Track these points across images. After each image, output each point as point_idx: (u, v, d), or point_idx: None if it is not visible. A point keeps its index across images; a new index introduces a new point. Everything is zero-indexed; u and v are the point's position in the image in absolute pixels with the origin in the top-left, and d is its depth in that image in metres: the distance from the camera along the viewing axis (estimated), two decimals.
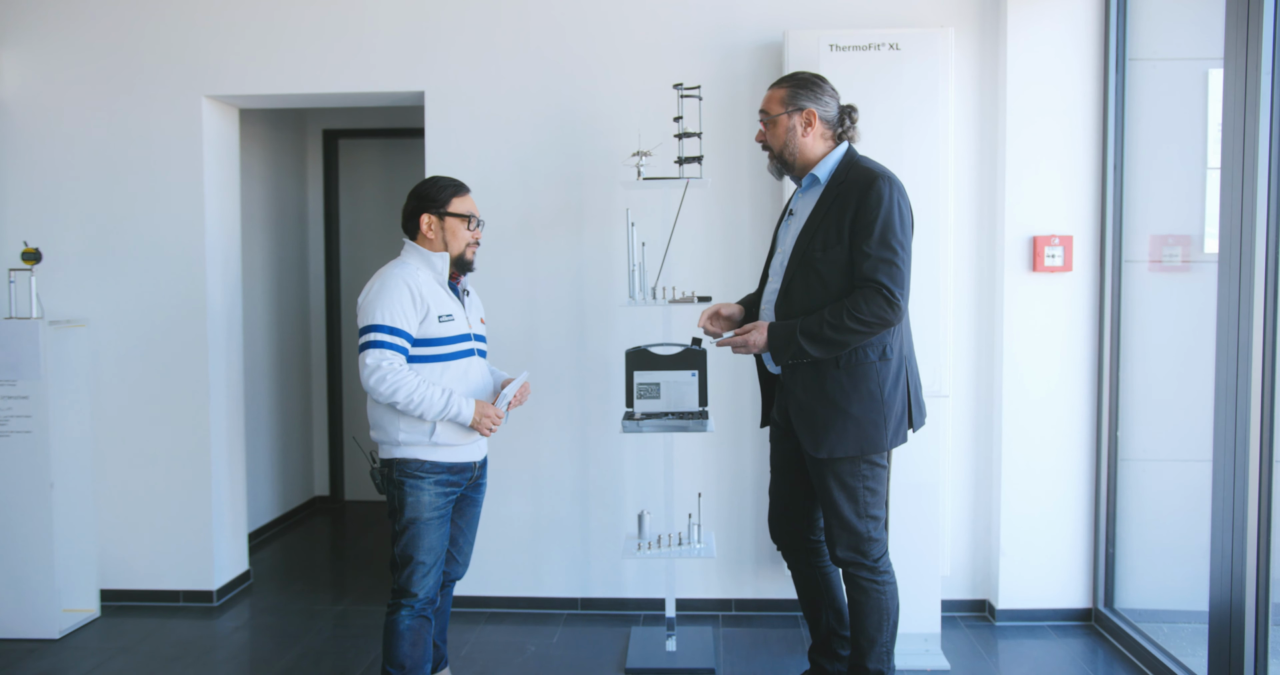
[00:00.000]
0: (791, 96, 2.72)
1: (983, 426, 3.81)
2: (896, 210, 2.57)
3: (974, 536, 3.84)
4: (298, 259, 5.56)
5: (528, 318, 3.87)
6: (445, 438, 2.73)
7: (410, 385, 2.64)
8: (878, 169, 2.64)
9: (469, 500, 2.93)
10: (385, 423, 2.73)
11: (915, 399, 2.73)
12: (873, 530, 2.69)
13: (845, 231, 2.59)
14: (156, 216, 3.95)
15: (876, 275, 2.54)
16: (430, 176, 2.85)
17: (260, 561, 4.67)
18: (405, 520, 2.74)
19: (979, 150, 3.75)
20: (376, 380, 2.63)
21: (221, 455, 4.09)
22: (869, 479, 2.67)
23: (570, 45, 3.82)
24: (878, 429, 2.63)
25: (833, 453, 2.63)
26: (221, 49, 3.91)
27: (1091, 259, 3.68)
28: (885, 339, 2.63)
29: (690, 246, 3.79)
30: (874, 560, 2.70)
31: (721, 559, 3.88)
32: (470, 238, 2.82)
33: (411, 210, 2.81)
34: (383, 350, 2.65)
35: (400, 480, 2.73)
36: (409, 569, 2.74)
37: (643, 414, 3.28)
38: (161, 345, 3.98)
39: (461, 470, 2.81)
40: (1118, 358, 3.64)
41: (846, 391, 2.62)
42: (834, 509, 2.68)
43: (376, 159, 5.73)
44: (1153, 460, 3.59)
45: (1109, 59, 3.61)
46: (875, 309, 2.54)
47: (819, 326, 2.57)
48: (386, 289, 2.69)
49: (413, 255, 2.81)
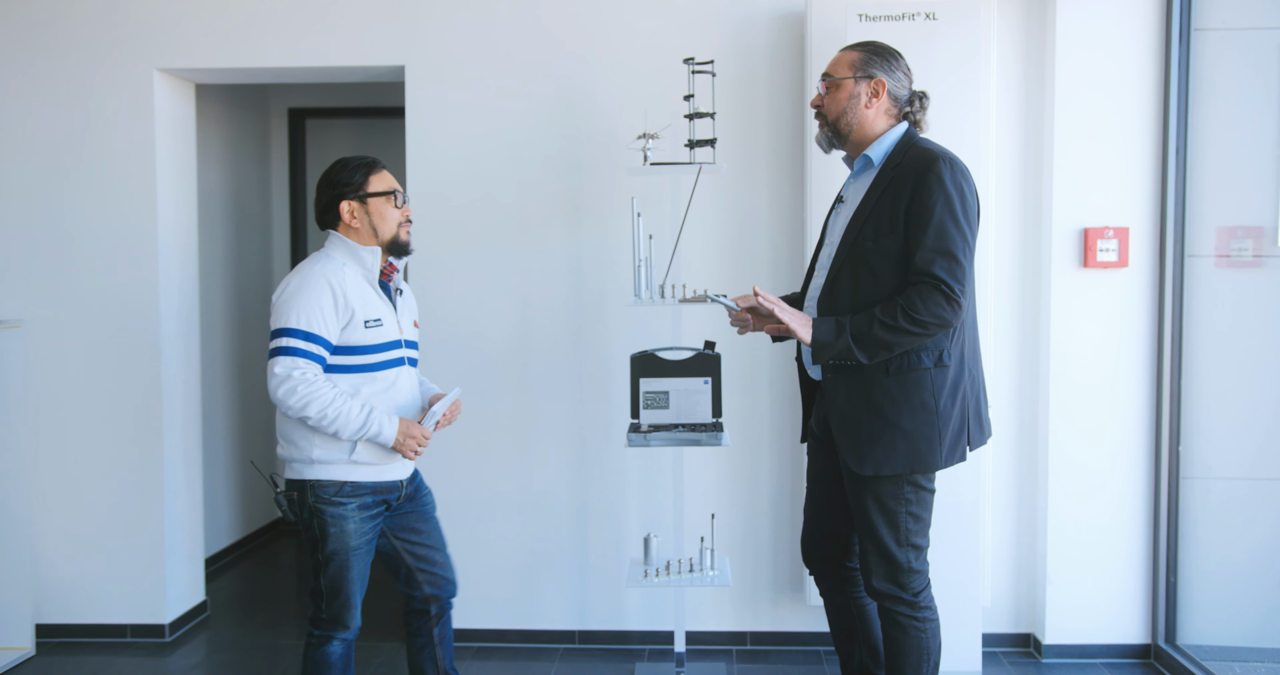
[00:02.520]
0: (865, 61, 2.67)
1: (1027, 440, 3.78)
2: (958, 196, 2.49)
3: (1017, 562, 3.80)
4: (261, 252, 5.54)
5: (521, 319, 3.83)
6: (367, 456, 2.67)
7: (324, 398, 2.56)
8: (938, 150, 2.57)
9: (417, 514, 2.87)
10: (297, 437, 2.66)
11: (976, 413, 2.65)
12: (914, 561, 2.62)
13: (900, 219, 2.52)
14: (102, 204, 3.89)
15: (934, 269, 2.46)
16: (336, 161, 2.80)
17: (218, 590, 4.61)
18: (329, 552, 2.68)
19: (1024, 132, 3.72)
20: (285, 392, 2.56)
21: (176, 472, 4.03)
22: (913, 503, 2.60)
23: (569, 15, 3.79)
24: (930, 445, 2.55)
25: (879, 470, 2.56)
26: (175, 17, 3.85)
27: (1150, 253, 3.63)
28: (942, 343, 2.54)
29: (702, 240, 3.77)
30: (914, 594, 2.63)
31: (737, 587, 3.85)
32: (400, 216, 2.76)
33: (328, 201, 2.74)
34: (295, 358, 2.58)
35: (319, 507, 2.66)
36: (339, 601, 2.71)
37: (650, 426, 3.26)
38: (108, 348, 3.91)
39: (388, 490, 2.75)
40: (1179, 364, 3.59)
41: (896, 401, 2.54)
42: (871, 534, 2.62)
43: (349, 141, 5.71)
44: (1220, 478, 3.54)
45: (1171, 28, 3.55)
46: (934, 308, 2.45)
47: (869, 325, 2.49)
48: (305, 288, 2.62)
49: (338, 248, 2.73)
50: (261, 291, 5.51)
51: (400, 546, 2.82)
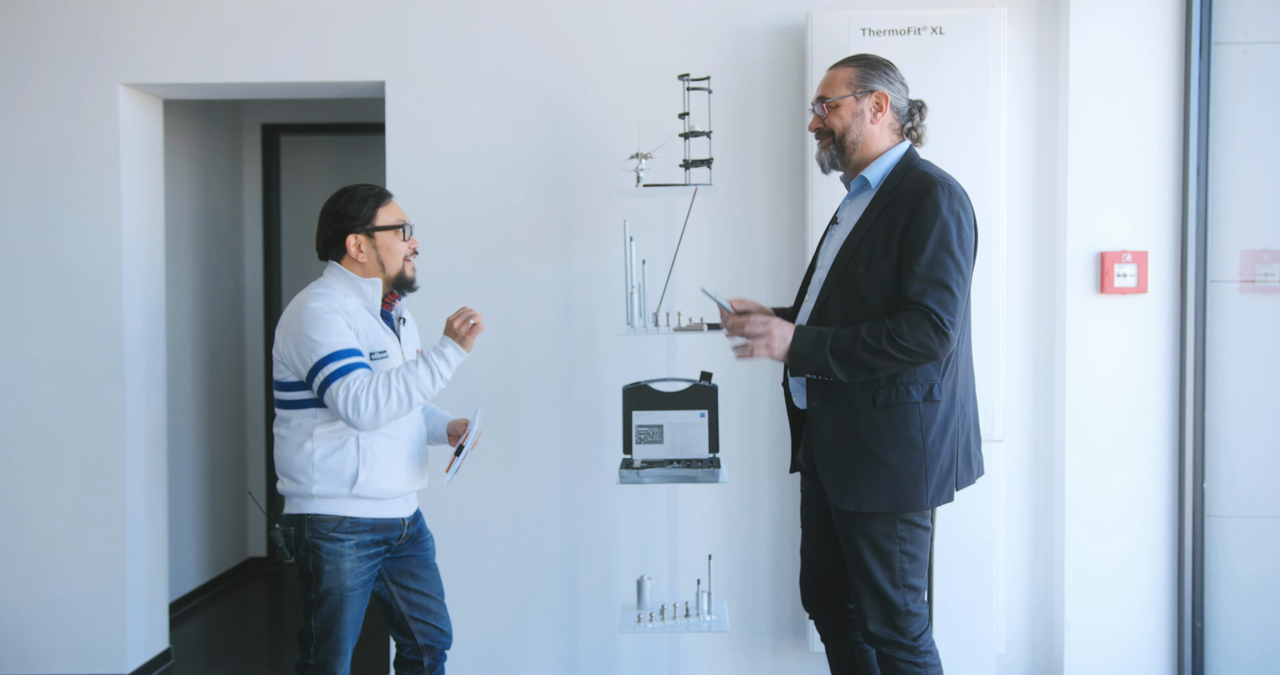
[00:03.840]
0: (862, 77, 2.70)
1: (1042, 475, 3.76)
2: (955, 224, 2.52)
3: (1033, 606, 3.76)
4: (232, 274, 5.52)
5: (506, 348, 3.81)
6: (369, 489, 2.67)
7: (385, 386, 2.58)
8: (937, 174, 2.60)
9: (416, 559, 2.88)
10: (296, 471, 2.67)
11: (966, 452, 2.66)
12: (911, 603, 2.62)
13: (894, 245, 2.56)
14: (64, 224, 3.87)
15: (924, 299, 2.48)
16: (341, 189, 2.80)
17: (183, 637, 4.56)
18: (323, 590, 2.68)
19: (1036, 151, 3.73)
20: (353, 412, 2.56)
21: (139, 510, 3.98)
22: (907, 542, 2.60)
23: (558, 29, 3.79)
24: (916, 483, 2.56)
25: (860, 506, 2.57)
26: (141, 29, 3.84)
27: (1171, 278, 3.62)
28: (933, 377, 2.56)
29: (698, 265, 3.76)
30: (913, 638, 2.62)
31: (735, 633, 3.81)
32: (407, 249, 2.79)
33: (333, 234, 2.75)
34: (343, 377, 2.58)
35: (315, 543, 2.66)
36: (329, 645, 2.70)
37: (643, 462, 3.25)
38: (67, 377, 3.87)
39: (389, 528, 2.76)
40: (1203, 395, 3.57)
41: (882, 436, 2.56)
42: (865, 575, 2.62)
43: (325, 159, 5.73)
44: (1248, 517, 3.55)
45: (1191, 41, 3.56)
46: (921, 336, 2.47)
47: (851, 343, 2.51)
48: (320, 318, 2.63)
49: (338, 280, 2.75)
50: (233, 315, 5.48)
51: (397, 592, 2.83)
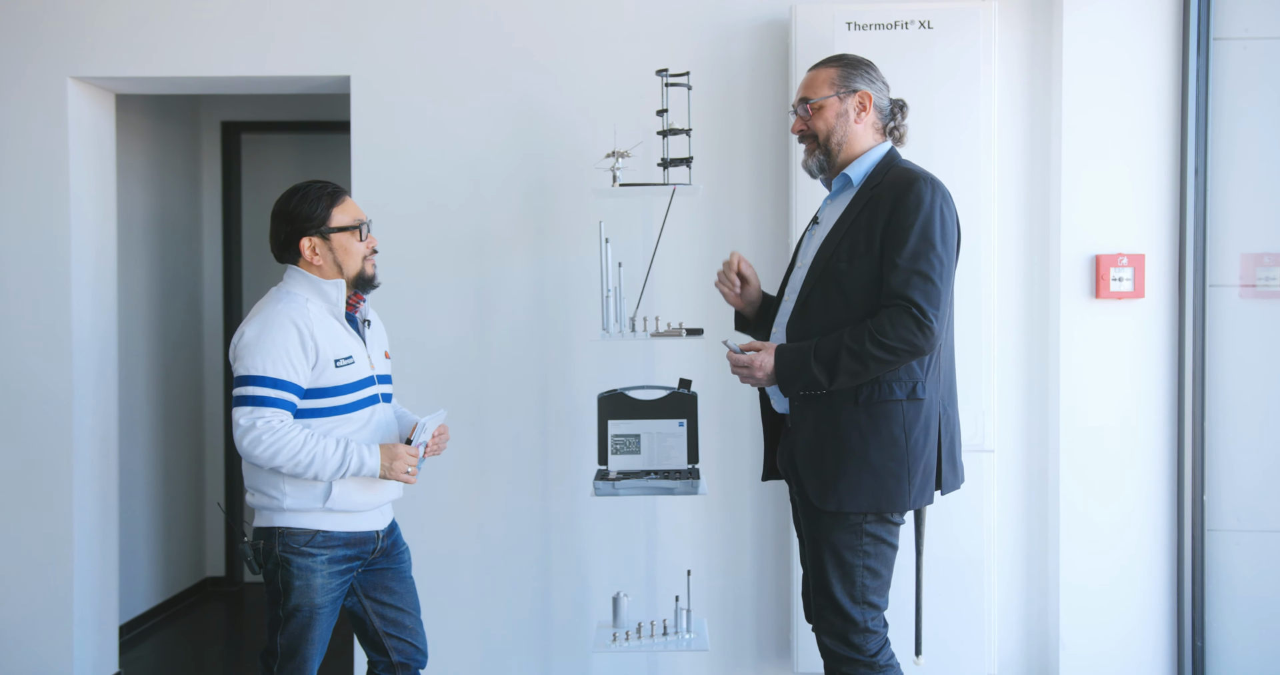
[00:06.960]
0: (844, 76, 2.78)
1: (1036, 488, 3.78)
2: (938, 218, 2.61)
3: (1027, 624, 3.80)
4: (189, 279, 5.50)
5: (477, 354, 3.83)
6: (343, 502, 2.70)
7: (294, 444, 2.60)
8: (919, 171, 2.70)
9: (391, 572, 2.91)
10: (266, 486, 2.70)
11: (948, 454, 2.74)
12: (869, 620, 2.71)
13: (876, 240, 2.64)
14: (8, 223, 3.87)
15: (907, 291, 2.56)
16: (291, 188, 2.81)
17: (135, 662, 4.53)
18: (291, 606, 2.70)
19: (1029, 151, 3.76)
20: (250, 443, 2.60)
21: (88, 526, 3.97)
22: (871, 557, 2.68)
23: (531, 22, 3.82)
24: (898, 482, 2.63)
25: (842, 506, 2.64)
26: (92, 20, 3.83)
27: (1168, 283, 3.66)
28: (916, 375, 2.64)
29: (676, 267, 3.78)
30: (870, 655, 2.70)
31: (716, 652, 3.83)
32: (365, 249, 2.81)
33: (286, 237, 2.77)
34: (258, 407, 2.62)
35: (285, 557, 2.69)
36: (294, 663, 2.72)
37: (619, 473, 3.27)
38: (12, 387, 3.87)
39: (362, 542, 2.79)
40: (1202, 404, 3.61)
41: (864, 433, 2.63)
42: (824, 587, 2.71)
43: (288, 157, 5.71)
44: (1250, 531, 3.57)
45: (1189, 37, 3.59)
46: (904, 332, 2.55)
47: (836, 350, 2.58)
48: (269, 331, 2.66)
49: (299, 284, 2.78)
50: (190, 322, 5.47)
51: (371, 607, 2.85)
